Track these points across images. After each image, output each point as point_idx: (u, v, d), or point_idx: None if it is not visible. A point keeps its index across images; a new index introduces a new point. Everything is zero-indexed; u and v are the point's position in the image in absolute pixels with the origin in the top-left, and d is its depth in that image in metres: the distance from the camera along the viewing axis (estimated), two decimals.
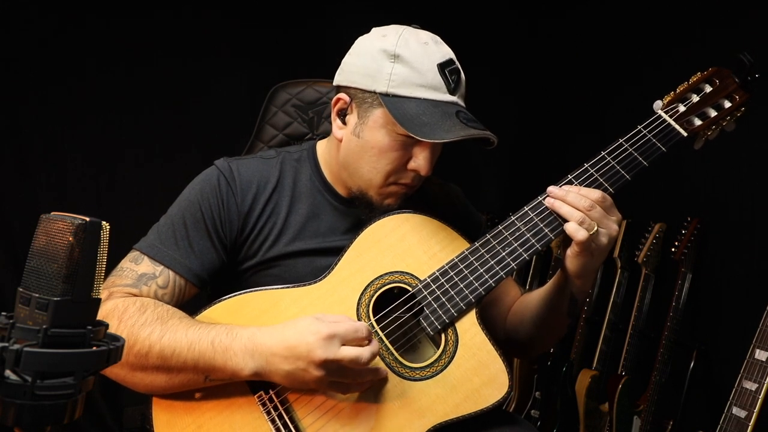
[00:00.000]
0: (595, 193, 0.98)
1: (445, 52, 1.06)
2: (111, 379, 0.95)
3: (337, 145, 1.11)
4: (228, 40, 2.59)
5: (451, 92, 1.04)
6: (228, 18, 2.60)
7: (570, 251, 0.99)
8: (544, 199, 1.03)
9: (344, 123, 1.09)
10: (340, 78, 1.10)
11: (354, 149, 1.07)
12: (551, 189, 1.01)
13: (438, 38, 1.09)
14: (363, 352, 0.89)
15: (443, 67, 1.03)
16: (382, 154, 1.04)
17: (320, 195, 1.13)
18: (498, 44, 3.03)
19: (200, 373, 0.93)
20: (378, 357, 0.97)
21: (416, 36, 1.06)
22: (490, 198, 3.10)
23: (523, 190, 1.52)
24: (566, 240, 1.00)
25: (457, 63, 1.06)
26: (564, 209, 0.98)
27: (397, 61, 1.02)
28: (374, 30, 1.10)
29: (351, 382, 0.93)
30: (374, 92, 1.03)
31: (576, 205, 0.97)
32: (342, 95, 1.08)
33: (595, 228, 0.96)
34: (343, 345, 0.89)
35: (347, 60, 1.10)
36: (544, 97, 2.98)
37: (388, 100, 1.02)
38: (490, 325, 1.20)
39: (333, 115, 1.10)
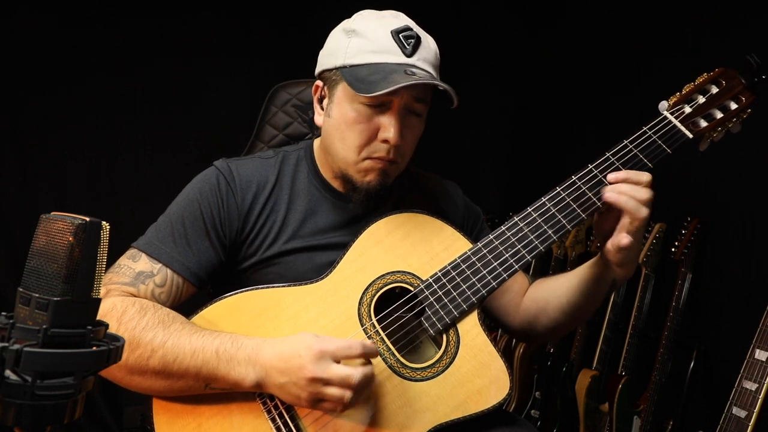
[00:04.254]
0: (645, 176, 0.98)
1: (402, 21, 1.08)
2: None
3: (321, 133, 1.13)
4: (228, 40, 2.59)
5: (408, 55, 1.04)
6: (228, 18, 2.60)
7: (614, 245, 0.98)
8: (547, 199, 1.03)
9: (323, 109, 1.11)
10: (317, 68, 1.14)
11: (328, 129, 1.09)
12: (612, 177, 1.00)
13: (401, 13, 1.10)
14: (354, 373, 0.87)
15: (397, 32, 1.05)
16: (349, 128, 1.05)
17: (318, 192, 1.14)
18: (498, 45, 3.03)
19: (202, 380, 0.93)
20: (379, 359, 0.97)
21: (375, 13, 1.10)
22: (490, 198, 3.10)
23: (524, 190, 1.52)
24: (605, 232, 1.01)
25: (415, 31, 1.06)
26: (622, 201, 0.97)
27: (353, 35, 1.06)
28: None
29: (343, 400, 0.89)
30: (335, 68, 1.06)
31: (631, 195, 0.97)
32: (317, 82, 1.12)
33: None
34: (336, 363, 0.88)
35: (321, 51, 1.14)
36: (545, 98, 2.98)
37: (345, 71, 1.04)
38: (501, 314, 1.21)
39: (314, 104, 1.13)
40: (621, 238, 0.97)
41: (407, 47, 1.04)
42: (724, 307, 2.01)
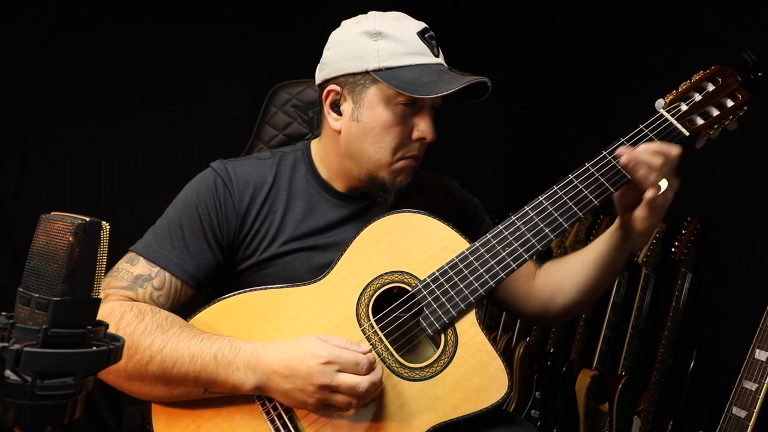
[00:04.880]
0: (674, 149, 0.98)
1: (419, 23, 1.09)
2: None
3: (335, 138, 1.10)
4: (228, 40, 2.59)
5: (436, 55, 1.07)
6: (228, 18, 2.60)
7: (641, 213, 0.99)
8: (544, 197, 1.03)
9: (339, 114, 1.09)
10: (325, 72, 1.11)
11: (356, 134, 1.07)
12: (622, 150, 1.00)
13: (408, 15, 1.11)
14: (361, 381, 0.88)
15: (422, 34, 1.07)
16: (385, 131, 1.05)
17: (316, 192, 1.13)
18: (498, 45, 3.03)
19: (201, 385, 0.93)
20: (378, 360, 0.97)
21: (388, 15, 1.09)
22: (490, 198, 3.10)
23: (523, 190, 1.52)
24: (629, 202, 1.01)
25: (431, 31, 1.09)
26: (641, 173, 0.97)
27: (380, 37, 1.05)
28: (344, 22, 1.12)
29: (350, 406, 0.92)
30: (366, 71, 1.04)
31: (650, 163, 0.96)
32: (332, 87, 1.09)
33: (666, 185, 0.97)
34: (341, 372, 0.89)
35: (327, 54, 1.11)
36: (545, 98, 2.98)
37: (383, 74, 1.03)
38: (512, 301, 1.22)
39: (326, 110, 1.10)
40: (645, 207, 0.98)
41: (434, 48, 1.07)
42: (724, 307, 2.00)
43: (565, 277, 1.17)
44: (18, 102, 2.27)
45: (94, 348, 0.55)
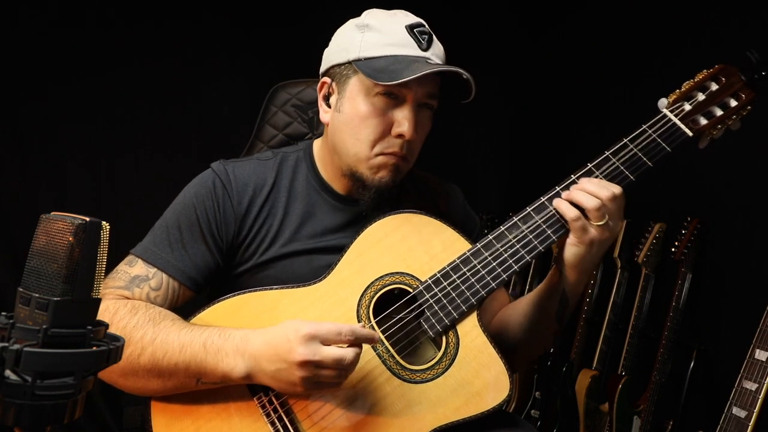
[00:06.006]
0: (616, 188, 0.98)
1: (414, 18, 1.08)
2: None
3: (327, 133, 1.11)
4: (227, 39, 2.59)
5: (423, 49, 1.04)
6: (227, 18, 2.60)
7: (569, 239, 0.99)
8: (546, 199, 1.03)
9: (329, 106, 1.10)
10: (322, 66, 1.13)
11: (338, 125, 1.07)
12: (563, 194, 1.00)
13: (409, 13, 1.10)
14: (346, 353, 0.87)
15: (412, 27, 1.05)
16: (363, 122, 1.03)
17: (317, 194, 1.13)
18: (498, 45, 3.03)
19: (192, 376, 0.92)
20: (376, 359, 0.97)
21: (385, 11, 1.09)
22: (490, 198, 3.10)
23: (523, 190, 1.52)
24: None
25: (427, 27, 1.07)
26: (579, 196, 0.97)
27: (367, 29, 1.05)
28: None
29: (336, 383, 0.91)
30: (348, 62, 1.05)
31: (596, 193, 0.96)
32: (324, 79, 1.11)
33: (605, 219, 0.96)
34: (327, 345, 0.88)
35: (326, 49, 1.13)
36: (545, 98, 2.98)
37: (361, 63, 1.03)
38: None
39: (319, 102, 1.11)
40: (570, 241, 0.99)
41: (422, 42, 1.04)
42: (724, 307, 2.00)
43: (513, 315, 1.15)
44: (18, 102, 2.27)
45: (94, 348, 0.55)
